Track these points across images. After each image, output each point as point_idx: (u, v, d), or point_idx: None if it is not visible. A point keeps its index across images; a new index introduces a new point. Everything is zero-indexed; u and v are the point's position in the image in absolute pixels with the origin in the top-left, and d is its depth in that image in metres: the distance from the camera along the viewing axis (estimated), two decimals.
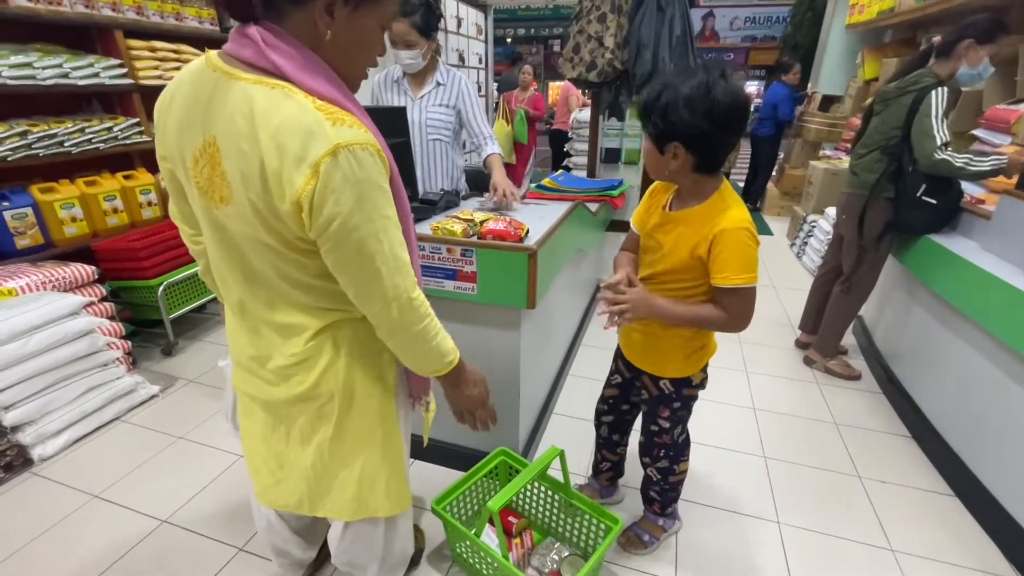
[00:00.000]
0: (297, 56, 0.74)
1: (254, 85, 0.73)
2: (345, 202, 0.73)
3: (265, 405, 1.02)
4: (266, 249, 0.82)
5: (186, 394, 2.26)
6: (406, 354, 0.93)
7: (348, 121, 0.73)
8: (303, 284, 0.87)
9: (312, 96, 0.73)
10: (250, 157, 0.72)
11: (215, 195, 0.80)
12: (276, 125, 0.70)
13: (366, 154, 0.74)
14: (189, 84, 0.79)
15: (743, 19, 16.61)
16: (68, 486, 1.74)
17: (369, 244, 0.77)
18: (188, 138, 0.79)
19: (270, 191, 0.73)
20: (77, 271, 2.16)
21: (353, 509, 1.07)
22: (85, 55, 2.36)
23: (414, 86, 2.01)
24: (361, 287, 0.81)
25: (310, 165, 0.70)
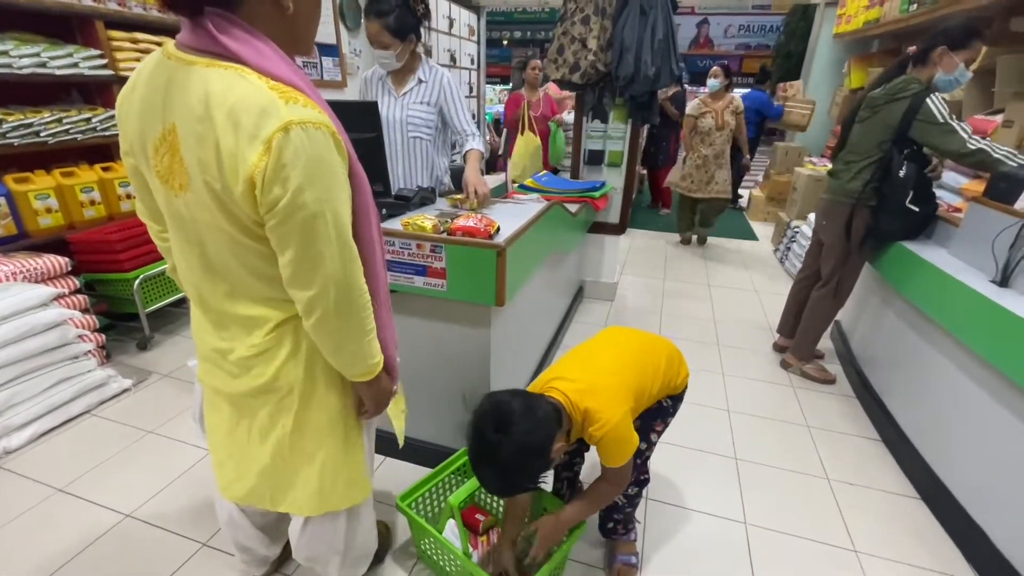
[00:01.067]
0: (249, 39, 0.75)
1: (207, 68, 0.73)
2: (295, 178, 0.73)
3: (229, 398, 1.02)
4: (226, 237, 0.82)
5: (159, 388, 2.24)
6: (334, 347, 0.90)
7: (301, 100, 0.74)
8: (264, 275, 0.86)
9: (266, 77, 0.74)
10: (206, 139, 0.72)
11: (175, 183, 0.80)
12: (230, 105, 0.70)
13: (319, 133, 0.75)
14: (148, 75, 0.79)
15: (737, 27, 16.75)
16: (33, 479, 1.71)
17: (316, 224, 0.77)
18: (148, 128, 0.80)
19: (225, 172, 0.73)
20: (50, 262, 2.14)
21: (315, 504, 1.06)
22: (64, 45, 2.34)
23: (396, 83, 2.01)
24: (300, 267, 0.79)
25: (263, 141, 0.70)
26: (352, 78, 4.14)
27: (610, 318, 3.06)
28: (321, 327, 0.86)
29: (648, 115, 2.72)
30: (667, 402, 1.36)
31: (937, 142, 1.92)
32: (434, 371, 1.66)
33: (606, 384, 1.18)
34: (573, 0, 2.59)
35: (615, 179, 2.95)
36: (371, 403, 1.03)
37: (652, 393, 1.28)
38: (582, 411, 1.15)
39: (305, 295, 0.82)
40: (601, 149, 2.91)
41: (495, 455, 1.07)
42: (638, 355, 1.30)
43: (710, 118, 4.06)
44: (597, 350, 1.34)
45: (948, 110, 1.91)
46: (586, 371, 1.23)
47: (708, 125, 4.07)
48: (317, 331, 0.87)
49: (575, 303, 3.13)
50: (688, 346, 2.67)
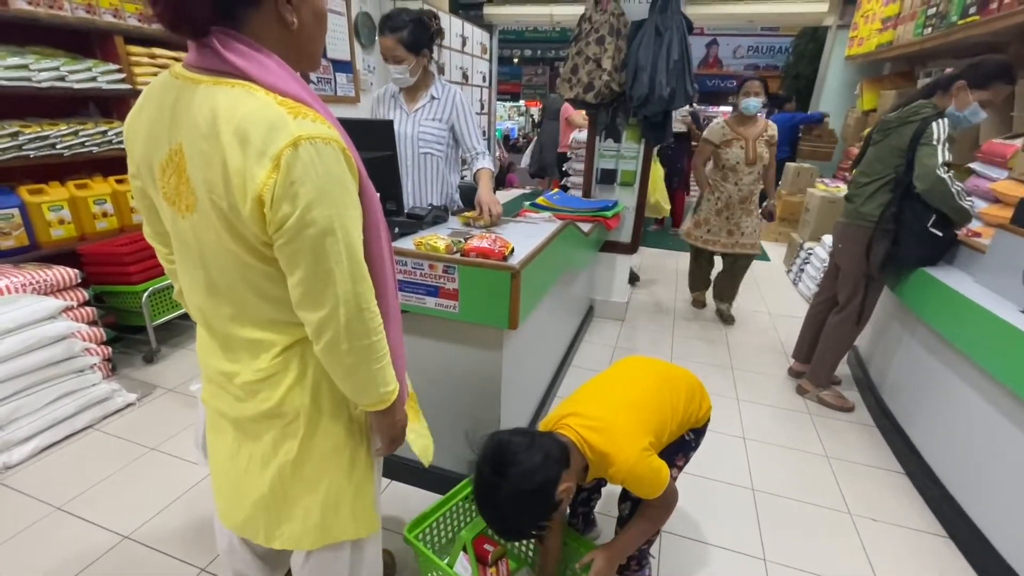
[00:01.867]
0: (255, 55, 0.73)
1: (214, 86, 0.72)
2: (305, 195, 0.70)
3: (234, 422, 0.98)
4: (232, 259, 0.79)
5: (164, 403, 2.21)
6: (345, 373, 0.86)
7: (311, 115, 0.72)
8: (272, 297, 0.84)
9: (273, 92, 0.72)
10: (212, 158, 0.71)
11: (181, 204, 0.78)
12: (237, 121, 0.69)
13: (329, 148, 0.73)
14: (155, 96, 0.78)
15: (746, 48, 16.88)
16: (32, 496, 1.68)
17: (325, 242, 0.74)
18: (155, 149, 0.78)
19: (233, 191, 0.71)
20: (59, 274, 2.13)
21: (315, 537, 1.01)
22: (84, 59, 2.37)
23: (408, 100, 2.01)
24: (310, 287, 0.77)
25: (271, 158, 0.68)
26: (365, 94, 4.18)
27: (621, 338, 3.01)
28: (331, 351, 0.83)
29: (662, 135, 2.70)
30: (689, 435, 1.31)
31: (918, 159, 1.92)
32: (444, 394, 1.62)
33: (623, 422, 1.14)
34: (588, 21, 2.60)
35: (627, 198, 2.92)
36: (384, 438, 0.99)
37: (672, 430, 1.23)
38: (598, 451, 1.10)
39: (315, 317, 0.79)
40: (614, 168, 2.89)
41: (494, 497, 1.04)
42: (657, 390, 1.26)
43: (738, 148, 2.95)
44: (614, 383, 1.30)
45: (947, 138, 1.90)
46: (602, 407, 1.18)
47: (736, 158, 2.96)
48: (327, 355, 0.84)
49: (585, 322, 3.09)
50: (701, 368, 2.61)
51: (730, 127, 3.02)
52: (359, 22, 4.01)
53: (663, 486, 1.12)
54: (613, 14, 2.51)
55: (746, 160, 2.96)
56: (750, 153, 2.95)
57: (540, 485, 1.04)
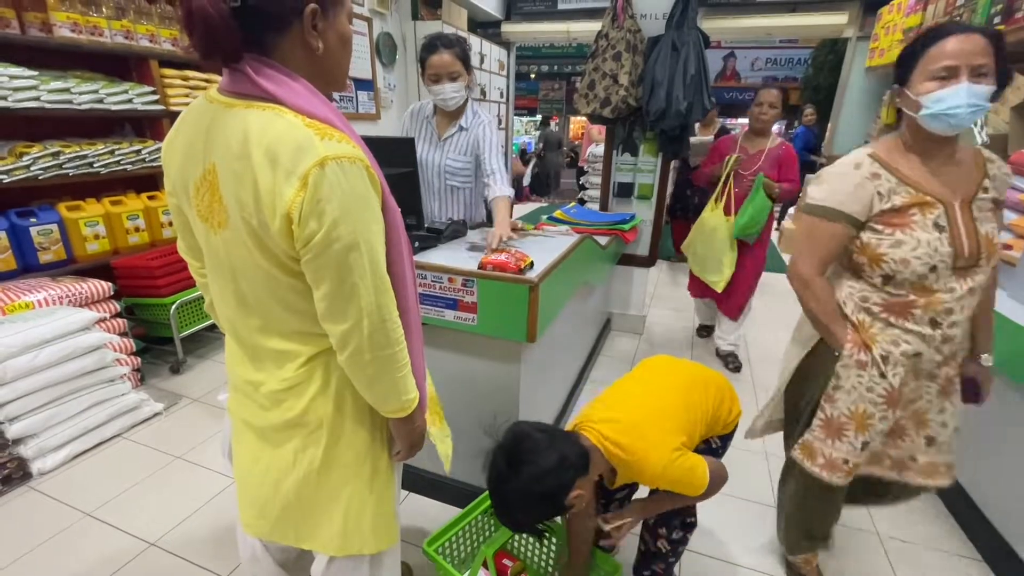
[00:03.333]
0: (286, 80, 0.77)
1: (247, 110, 0.76)
2: (331, 212, 0.73)
3: (258, 431, 1.01)
4: (261, 273, 0.83)
5: (190, 413, 2.27)
6: (368, 382, 0.89)
7: (337, 137, 0.76)
8: (298, 309, 0.86)
9: (302, 115, 0.76)
10: (244, 177, 0.74)
11: (214, 221, 0.82)
12: (267, 143, 0.72)
13: (354, 167, 0.76)
14: (192, 119, 0.83)
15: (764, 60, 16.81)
16: (63, 502, 1.73)
17: (350, 257, 0.77)
18: (191, 169, 0.82)
19: (263, 208, 0.74)
20: (94, 287, 2.21)
21: (338, 544, 1.03)
22: (121, 82, 2.48)
23: (441, 125, 1.98)
24: (335, 300, 0.80)
25: (299, 177, 0.71)
26: (386, 111, 4.28)
27: (639, 352, 2.99)
28: (355, 361, 0.85)
29: (679, 148, 2.71)
30: (716, 442, 1.29)
31: None
32: (462, 406, 1.62)
33: (653, 423, 1.12)
34: (604, 38, 2.63)
35: (645, 211, 2.92)
36: (404, 443, 1.01)
37: (702, 431, 1.20)
38: (628, 453, 1.08)
39: (339, 328, 0.82)
40: (631, 182, 2.90)
41: (503, 488, 1.05)
42: (687, 390, 1.22)
43: None
44: (642, 383, 1.28)
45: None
46: (630, 408, 1.17)
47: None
48: (351, 365, 0.87)
49: (603, 336, 3.08)
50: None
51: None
52: (380, 42, 4.12)
53: (703, 485, 1.08)
54: (630, 31, 2.55)
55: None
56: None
57: (550, 490, 1.04)
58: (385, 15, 4.17)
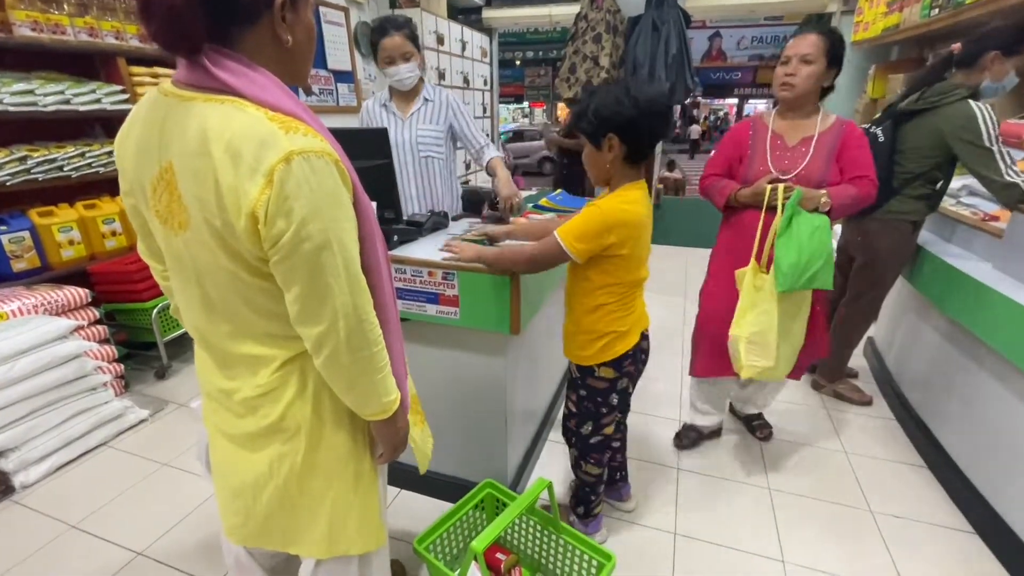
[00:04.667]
0: (246, 71, 0.73)
1: (204, 104, 0.72)
2: (299, 210, 0.70)
3: (233, 439, 0.98)
4: (228, 275, 0.79)
5: (176, 418, 2.23)
6: (347, 385, 0.86)
7: (302, 130, 0.72)
8: (269, 312, 0.83)
9: (264, 108, 0.72)
10: (204, 175, 0.70)
11: (174, 222, 0.78)
12: (228, 139, 0.69)
13: (321, 162, 0.72)
14: (144, 115, 0.78)
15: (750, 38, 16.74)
16: (47, 515, 1.70)
17: (322, 256, 0.74)
18: (146, 168, 0.78)
19: (226, 208, 0.71)
20: (70, 294, 2.16)
21: (324, 547, 1.01)
22: (88, 82, 2.41)
23: (402, 106, 2.01)
24: (308, 302, 0.77)
25: (264, 174, 0.68)
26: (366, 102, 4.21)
27: None
28: (332, 364, 0.83)
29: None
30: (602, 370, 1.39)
31: (974, 163, 1.77)
32: (448, 401, 1.60)
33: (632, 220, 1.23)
34: (584, 19, 2.58)
35: None
36: (387, 445, 0.99)
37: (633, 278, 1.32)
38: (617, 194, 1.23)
39: (314, 331, 0.79)
40: None
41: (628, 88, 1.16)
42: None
43: None
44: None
45: (997, 129, 1.75)
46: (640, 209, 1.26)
47: None
48: (328, 369, 0.84)
49: None
50: None
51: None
52: (358, 32, 4.03)
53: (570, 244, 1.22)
54: (609, 11, 2.50)
55: None
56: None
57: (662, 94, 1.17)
58: (362, 4, 4.08)
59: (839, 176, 1.58)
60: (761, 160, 1.63)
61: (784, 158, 1.61)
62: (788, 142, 1.62)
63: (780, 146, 1.63)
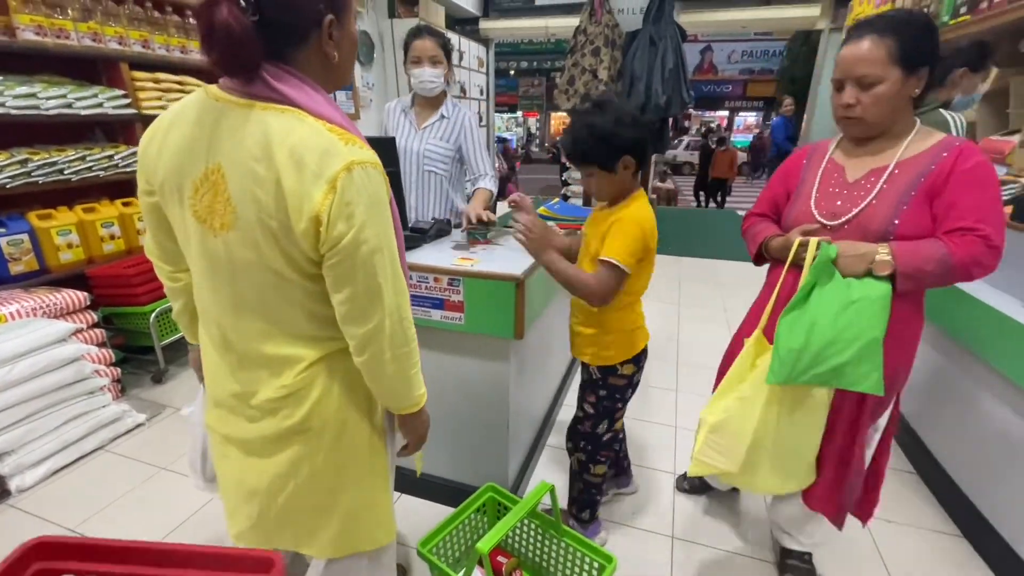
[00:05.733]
0: (302, 85, 0.79)
1: (264, 111, 0.76)
2: (358, 216, 0.76)
3: (243, 444, 0.99)
4: (271, 276, 0.82)
5: (173, 423, 2.22)
6: (384, 380, 0.91)
7: (357, 142, 0.78)
8: (309, 312, 0.87)
9: (321, 120, 0.77)
10: (264, 178, 0.75)
11: (215, 222, 0.81)
12: (291, 145, 0.74)
13: (376, 172, 0.79)
14: (192, 116, 0.81)
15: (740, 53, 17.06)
16: (44, 519, 1.69)
17: (375, 259, 0.80)
18: (188, 167, 0.81)
19: (286, 210, 0.75)
20: (69, 297, 2.15)
21: (337, 545, 1.03)
22: (90, 86, 2.41)
23: (420, 116, 2.02)
24: (359, 302, 0.81)
25: (327, 180, 0.73)
26: (365, 110, 4.23)
27: None
28: (375, 361, 0.87)
29: (659, 144, 2.73)
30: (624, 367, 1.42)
31: None
32: (450, 406, 1.62)
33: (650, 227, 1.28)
34: (583, 33, 2.64)
35: None
36: (413, 437, 1.04)
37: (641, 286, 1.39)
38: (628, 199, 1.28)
39: (361, 330, 0.84)
40: None
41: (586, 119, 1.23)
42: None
43: None
44: None
45: (965, 134, 1.89)
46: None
47: None
48: (370, 366, 0.88)
49: None
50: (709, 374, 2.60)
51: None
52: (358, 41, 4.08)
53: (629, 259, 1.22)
54: (607, 25, 2.56)
55: None
56: None
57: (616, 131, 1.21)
58: (361, 13, 4.12)
59: (930, 227, 1.06)
60: (805, 199, 1.21)
61: (837, 197, 1.15)
62: (849, 175, 1.16)
63: (836, 181, 1.18)
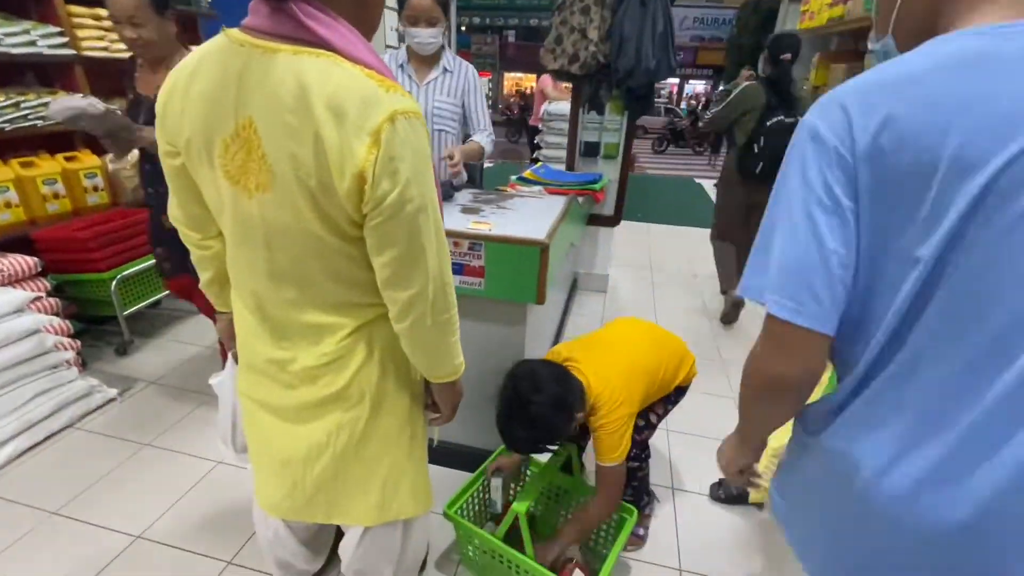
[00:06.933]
0: (337, 26, 0.70)
1: (295, 56, 0.67)
2: (404, 171, 0.70)
3: (279, 412, 0.95)
4: (311, 240, 0.76)
5: (148, 396, 2.08)
6: (425, 348, 0.88)
7: (399, 90, 0.70)
8: (348, 278, 0.82)
9: (358, 65, 0.69)
10: (301, 132, 0.67)
11: (249, 183, 0.73)
12: (329, 94, 0.66)
13: (419, 123, 0.72)
14: (212, 65, 0.72)
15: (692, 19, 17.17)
16: (20, 503, 1.56)
17: (419, 218, 0.74)
18: (217, 124, 0.72)
19: (327, 166, 0.68)
20: (18, 263, 1.92)
21: (376, 514, 1.02)
22: (19, 20, 2.10)
23: (420, 71, 1.90)
24: (403, 264, 0.76)
25: (370, 133, 0.66)
26: None
27: (607, 310, 3.09)
28: (417, 327, 0.83)
29: (646, 107, 2.74)
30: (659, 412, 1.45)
31: None
32: (467, 372, 1.60)
33: (618, 383, 1.24)
34: None
35: (610, 171, 2.96)
36: (447, 406, 1.02)
37: (655, 391, 1.35)
38: (597, 403, 1.23)
39: (404, 295, 0.79)
40: (597, 141, 2.91)
41: (527, 412, 1.18)
42: (652, 355, 1.36)
43: None
44: (613, 342, 1.40)
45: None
46: (602, 363, 1.27)
47: None
48: (412, 332, 0.84)
49: (572, 296, 3.15)
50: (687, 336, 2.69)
51: None
52: None
53: (618, 456, 1.23)
54: None
55: None
56: None
57: (571, 406, 1.19)
58: None
59: None
60: None
61: None
62: None
63: None
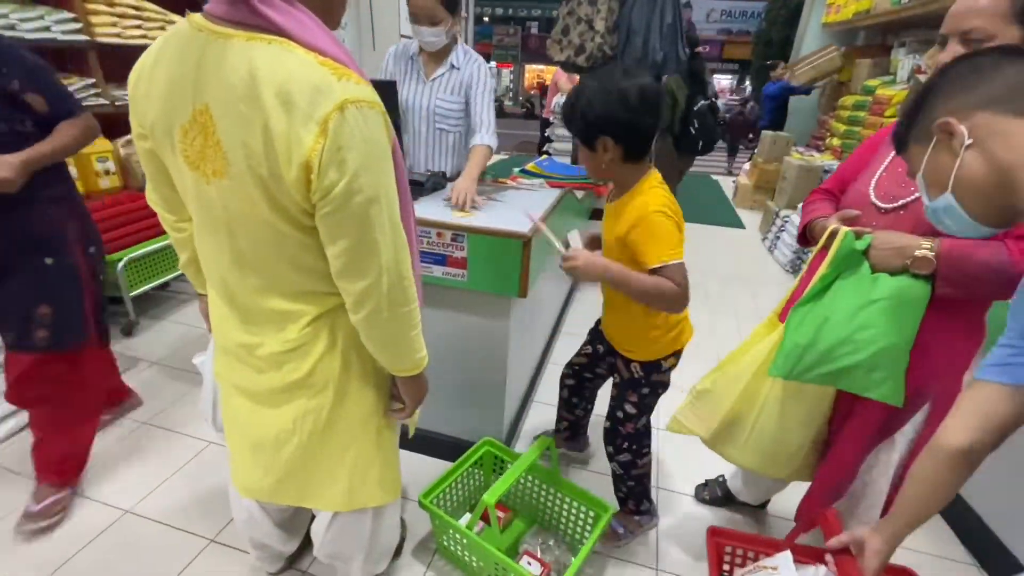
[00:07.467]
0: (294, 12, 0.69)
1: (248, 42, 0.67)
2: (352, 161, 0.69)
3: (252, 395, 0.97)
4: (266, 227, 0.76)
5: (149, 376, 2.14)
6: (384, 342, 0.87)
7: (353, 78, 0.70)
8: (305, 267, 0.82)
9: (313, 51, 0.69)
10: (251, 120, 0.67)
11: (207, 169, 0.74)
12: (279, 82, 0.65)
13: (373, 112, 0.71)
14: (175, 50, 0.73)
15: (719, 12, 16.80)
16: (18, 474, 1.62)
17: (371, 210, 0.73)
18: (176, 109, 0.73)
19: (275, 156, 0.68)
20: None
21: (344, 501, 1.04)
22: (34, 6, 2.15)
23: (428, 65, 1.86)
24: (354, 257, 0.76)
25: (318, 122, 0.66)
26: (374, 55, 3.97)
27: None
28: (372, 320, 0.82)
29: None
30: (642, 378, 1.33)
31: None
32: (449, 363, 1.62)
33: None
34: None
35: None
36: (411, 400, 1.01)
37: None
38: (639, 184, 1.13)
39: (357, 287, 0.78)
40: None
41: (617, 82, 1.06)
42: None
43: None
44: None
45: None
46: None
47: None
48: (368, 324, 0.84)
49: (573, 289, 3.12)
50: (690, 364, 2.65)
51: None
52: None
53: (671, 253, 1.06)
54: None
55: None
56: None
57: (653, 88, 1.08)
58: None
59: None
60: (867, 178, 1.10)
61: (900, 180, 1.02)
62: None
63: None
